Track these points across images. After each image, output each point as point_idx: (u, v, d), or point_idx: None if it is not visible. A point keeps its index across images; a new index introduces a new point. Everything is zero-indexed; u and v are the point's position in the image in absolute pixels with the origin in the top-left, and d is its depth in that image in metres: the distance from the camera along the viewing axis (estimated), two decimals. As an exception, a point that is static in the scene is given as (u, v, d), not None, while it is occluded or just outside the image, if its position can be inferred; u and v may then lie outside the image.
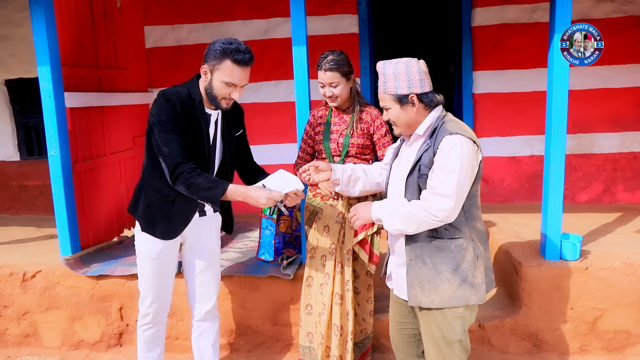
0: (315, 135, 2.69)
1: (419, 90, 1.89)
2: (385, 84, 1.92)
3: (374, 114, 2.66)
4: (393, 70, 1.90)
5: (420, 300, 1.93)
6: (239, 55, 2.13)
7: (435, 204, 1.80)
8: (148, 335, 2.52)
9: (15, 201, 4.93)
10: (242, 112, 2.53)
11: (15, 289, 3.23)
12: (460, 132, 1.83)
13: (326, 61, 2.52)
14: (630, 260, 2.88)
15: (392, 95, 1.91)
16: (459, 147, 1.80)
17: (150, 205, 2.33)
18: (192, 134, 2.23)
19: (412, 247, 1.94)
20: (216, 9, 4.53)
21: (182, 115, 2.18)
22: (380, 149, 2.67)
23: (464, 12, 4.44)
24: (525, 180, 4.53)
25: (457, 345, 1.95)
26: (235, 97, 2.21)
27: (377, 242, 2.65)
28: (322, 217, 2.63)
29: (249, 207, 5.04)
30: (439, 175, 1.82)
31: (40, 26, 3.03)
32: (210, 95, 2.22)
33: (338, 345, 2.55)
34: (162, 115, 2.15)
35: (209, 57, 2.17)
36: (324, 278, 2.59)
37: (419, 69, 1.89)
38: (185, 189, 2.15)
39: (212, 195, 2.11)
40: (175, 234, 2.37)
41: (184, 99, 2.20)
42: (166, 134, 2.15)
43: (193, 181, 2.12)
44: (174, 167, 2.14)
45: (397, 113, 1.93)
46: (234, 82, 2.16)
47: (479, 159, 1.88)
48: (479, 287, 1.91)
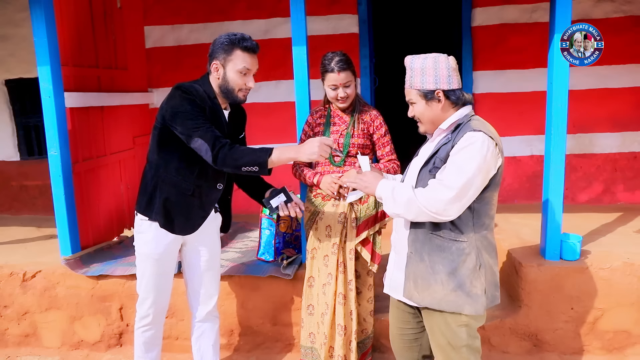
0: (315, 135, 2.69)
1: (446, 86, 1.85)
2: (412, 78, 1.88)
3: (373, 114, 2.66)
4: (421, 64, 1.86)
5: (411, 295, 1.91)
6: (246, 42, 2.18)
7: (435, 194, 1.75)
8: (147, 337, 2.52)
9: (15, 201, 4.93)
10: (246, 115, 2.54)
11: (15, 289, 3.23)
12: (484, 130, 1.79)
13: (335, 62, 2.50)
14: (630, 260, 2.88)
15: (418, 90, 1.87)
16: (478, 143, 1.75)
17: (168, 200, 2.30)
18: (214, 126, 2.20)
19: (414, 240, 1.91)
20: (216, 9, 4.54)
21: (202, 106, 2.18)
22: (380, 148, 2.67)
23: (464, 12, 4.44)
24: (525, 180, 4.53)
25: (465, 350, 1.91)
26: (251, 84, 2.24)
27: (379, 241, 2.65)
28: (323, 217, 2.63)
29: (249, 207, 5.03)
30: (450, 167, 1.77)
31: (40, 26, 3.03)
32: (226, 89, 2.23)
33: (342, 345, 2.55)
34: (185, 104, 2.13)
35: (217, 52, 2.19)
36: (326, 278, 2.59)
37: (448, 65, 1.85)
38: (229, 159, 2.06)
39: (258, 157, 2.04)
40: (193, 229, 2.37)
41: (201, 95, 2.21)
42: (194, 120, 2.11)
43: (236, 148, 2.08)
44: (214, 140, 2.07)
45: (422, 109, 1.90)
46: (248, 67, 2.20)
47: (499, 163, 1.82)
48: (477, 298, 1.85)
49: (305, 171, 2.69)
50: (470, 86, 4.47)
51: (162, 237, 2.35)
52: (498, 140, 1.82)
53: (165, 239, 2.36)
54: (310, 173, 2.66)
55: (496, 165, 1.82)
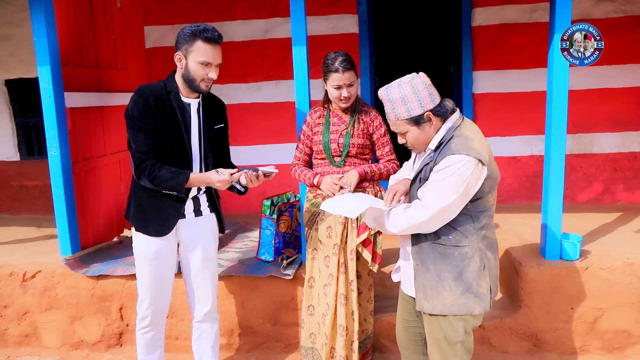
0: (314, 135, 2.69)
1: (431, 105, 1.84)
2: (395, 109, 1.86)
3: (372, 114, 2.66)
4: (399, 94, 1.84)
5: (423, 306, 1.94)
6: (208, 33, 2.19)
7: (413, 214, 1.84)
8: (148, 338, 2.52)
9: (15, 201, 4.93)
10: (224, 106, 2.54)
11: (15, 289, 3.23)
12: (464, 151, 1.78)
13: (340, 62, 2.50)
14: (630, 260, 2.88)
15: (407, 120, 1.86)
16: (456, 166, 1.76)
17: (141, 204, 2.36)
18: (169, 124, 2.27)
19: (418, 252, 1.94)
20: (216, 9, 4.53)
21: (154, 108, 2.24)
22: (380, 148, 2.67)
23: (464, 12, 4.44)
24: (525, 180, 4.53)
25: (459, 346, 1.94)
26: (213, 76, 2.26)
27: (379, 241, 2.65)
28: (324, 218, 2.62)
29: (249, 207, 5.02)
30: (429, 189, 1.83)
31: (40, 26, 3.03)
32: (188, 79, 2.26)
33: (344, 346, 2.55)
34: (135, 110, 2.23)
35: (180, 43, 2.23)
36: (327, 279, 2.59)
37: (424, 84, 1.84)
38: (149, 183, 2.23)
39: (177, 183, 2.21)
40: (168, 229, 2.37)
41: (157, 92, 2.27)
42: (134, 130, 2.23)
43: (156, 174, 2.21)
44: (139, 162, 2.22)
45: (416, 135, 1.89)
46: (208, 60, 2.21)
47: (481, 177, 1.81)
48: (484, 297, 1.90)
49: (305, 172, 2.69)
50: (470, 86, 4.47)
51: (154, 239, 2.37)
52: (479, 154, 1.79)
53: (157, 240, 2.37)
54: (310, 174, 2.66)
55: (479, 180, 1.81)
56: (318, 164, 2.70)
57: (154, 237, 2.36)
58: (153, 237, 2.36)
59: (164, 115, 2.26)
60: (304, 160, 2.76)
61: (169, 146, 2.28)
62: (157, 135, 2.24)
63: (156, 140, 2.24)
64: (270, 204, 3.18)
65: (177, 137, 2.29)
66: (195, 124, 2.36)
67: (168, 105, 2.27)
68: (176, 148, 2.29)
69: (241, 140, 4.54)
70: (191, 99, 2.34)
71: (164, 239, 2.38)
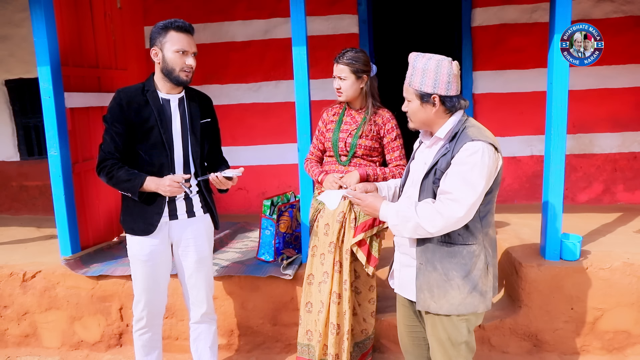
0: (327, 132, 2.71)
1: (443, 92, 1.84)
2: (412, 76, 1.88)
3: (385, 117, 2.64)
4: (423, 65, 1.85)
5: (428, 306, 1.91)
6: (178, 23, 2.26)
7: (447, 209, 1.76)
8: (145, 340, 2.52)
9: (15, 201, 4.93)
10: (210, 100, 2.54)
11: (15, 289, 3.23)
12: (482, 138, 1.79)
13: (342, 55, 2.56)
14: (630, 260, 2.88)
15: (416, 90, 1.87)
16: (479, 153, 1.76)
17: (128, 206, 2.40)
18: (144, 122, 2.29)
19: (423, 251, 1.90)
20: (216, 9, 4.53)
21: (126, 110, 2.28)
22: (389, 152, 2.65)
23: (464, 12, 4.44)
24: (525, 180, 4.53)
25: (464, 347, 1.93)
26: (191, 63, 2.29)
27: (376, 244, 2.64)
28: (324, 215, 2.63)
29: (249, 207, 5.01)
30: (455, 180, 1.77)
31: (40, 26, 3.03)
32: (167, 71, 2.28)
33: (334, 344, 2.55)
34: (108, 112, 2.32)
35: (154, 39, 2.28)
36: (322, 276, 2.60)
37: (449, 71, 1.83)
38: (107, 180, 2.30)
39: (132, 186, 2.27)
40: (153, 227, 2.36)
41: (132, 93, 2.31)
42: (105, 131, 2.33)
43: (114, 173, 2.28)
44: (101, 160, 2.31)
45: (415, 109, 1.90)
46: (184, 48, 2.26)
47: (499, 166, 1.83)
48: (487, 295, 1.90)
49: (314, 168, 2.73)
50: (470, 86, 4.47)
51: (146, 240, 2.37)
52: (495, 142, 1.83)
53: (151, 241, 2.37)
54: (317, 170, 2.69)
55: (497, 169, 1.83)
56: (327, 161, 2.74)
57: (145, 237, 2.36)
58: (144, 238, 2.36)
59: (138, 114, 2.29)
60: (317, 156, 2.80)
61: (147, 144, 2.30)
62: (130, 136, 2.29)
63: (127, 141, 2.30)
64: (270, 204, 3.18)
65: (153, 133, 2.31)
66: (177, 119, 2.36)
67: (143, 104, 2.30)
68: (154, 145, 2.31)
69: (241, 141, 4.53)
70: (172, 94, 2.35)
71: (157, 240, 2.38)
